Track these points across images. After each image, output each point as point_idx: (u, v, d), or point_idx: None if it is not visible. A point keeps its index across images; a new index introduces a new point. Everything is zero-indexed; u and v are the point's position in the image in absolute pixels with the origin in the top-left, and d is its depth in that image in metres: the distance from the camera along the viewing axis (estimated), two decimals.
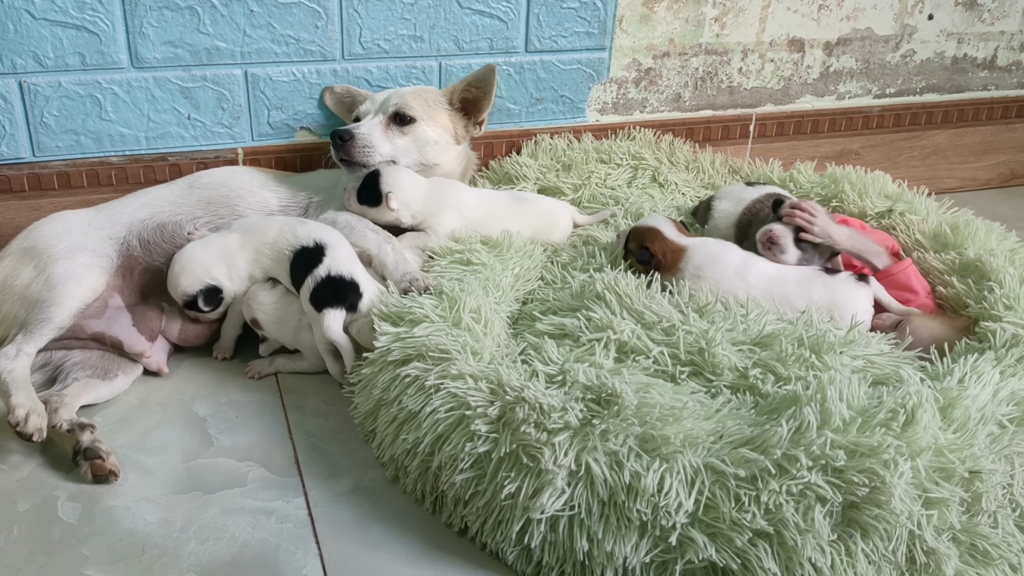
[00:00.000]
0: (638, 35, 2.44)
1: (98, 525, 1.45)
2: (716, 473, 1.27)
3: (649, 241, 1.82)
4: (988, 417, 1.36)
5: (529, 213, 2.06)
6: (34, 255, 1.78)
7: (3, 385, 1.59)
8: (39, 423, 1.55)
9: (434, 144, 2.06)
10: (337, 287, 1.74)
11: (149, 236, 1.89)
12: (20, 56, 1.94)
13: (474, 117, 2.13)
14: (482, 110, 2.12)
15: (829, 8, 2.60)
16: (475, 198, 2.03)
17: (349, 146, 1.96)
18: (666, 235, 1.82)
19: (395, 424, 1.52)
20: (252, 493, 1.52)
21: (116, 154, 2.10)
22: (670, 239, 1.82)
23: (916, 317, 1.74)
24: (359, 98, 2.15)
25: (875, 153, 2.84)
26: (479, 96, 2.10)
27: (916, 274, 1.87)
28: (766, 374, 1.49)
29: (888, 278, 1.83)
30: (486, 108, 2.12)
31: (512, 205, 2.06)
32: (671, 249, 1.81)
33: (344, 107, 2.20)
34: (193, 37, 2.04)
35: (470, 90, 2.11)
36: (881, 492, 1.22)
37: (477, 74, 2.10)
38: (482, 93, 2.10)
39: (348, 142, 1.96)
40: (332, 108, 2.21)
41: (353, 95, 2.18)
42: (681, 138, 2.54)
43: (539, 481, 1.31)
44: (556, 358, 1.52)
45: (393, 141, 2.01)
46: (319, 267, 1.75)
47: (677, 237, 1.83)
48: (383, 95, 2.07)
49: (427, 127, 2.04)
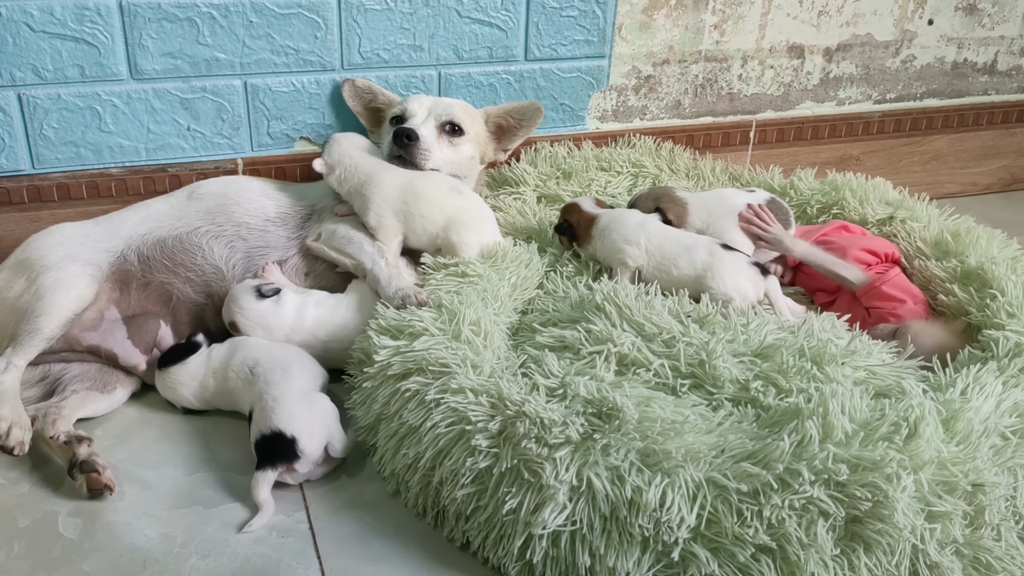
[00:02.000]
0: (637, 43, 2.44)
1: (99, 541, 1.45)
2: (718, 488, 1.26)
3: (567, 214, 2.03)
4: (991, 429, 1.36)
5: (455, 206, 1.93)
6: (27, 267, 1.78)
7: None
8: (20, 436, 1.55)
9: (469, 160, 2.08)
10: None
11: (148, 252, 1.87)
12: (19, 69, 1.94)
13: (503, 144, 2.18)
14: (515, 140, 2.18)
15: (829, 14, 2.60)
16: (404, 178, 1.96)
17: (413, 147, 1.96)
18: (582, 208, 2.02)
19: (396, 439, 1.52)
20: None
21: (116, 165, 2.10)
22: (585, 210, 2.01)
23: (916, 324, 1.74)
24: (380, 97, 2.14)
25: (875, 159, 2.83)
26: (516, 127, 2.17)
27: (901, 284, 1.87)
28: (767, 386, 1.49)
29: (871, 291, 1.83)
30: (519, 140, 2.18)
31: (445, 192, 1.95)
32: (585, 219, 2.00)
33: (361, 102, 2.17)
34: (192, 48, 2.04)
35: (507, 118, 2.16)
36: (884, 506, 1.22)
37: (520, 107, 2.16)
38: (520, 126, 2.17)
39: (414, 143, 1.96)
40: (348, 100, 2.16)
41: (374, 93, 2.16)
42: (681, 145, 2.54)
43: (541, 496, 1.31)
44: (557, 371, 1.52)
45: (443, 150, 2.02)
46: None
47: (591, 209, 2.01)
48: (427, 101, 2.06)
49: (469, 143, 2.07)
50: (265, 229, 1.96)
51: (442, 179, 1.97)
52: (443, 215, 1.90)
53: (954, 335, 1.73)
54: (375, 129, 2.17)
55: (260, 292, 1.80)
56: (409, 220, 1.90)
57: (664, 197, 2.02)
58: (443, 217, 1.90)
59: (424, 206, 1.90)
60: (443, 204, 1.91)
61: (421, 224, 1.90)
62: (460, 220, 1.90)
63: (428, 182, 1.94)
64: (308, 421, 1.56)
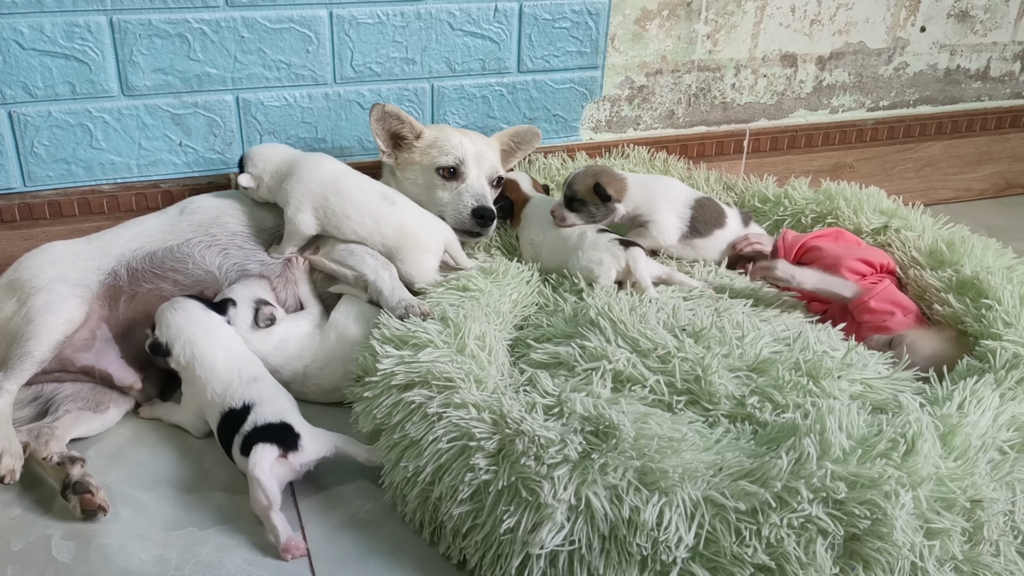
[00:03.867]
0: (630, 53, 2.44)
1: (93, 564, 1.43)
2: (716, 506, 1.26)
3: (508, 190, 2.13)
4: (988, 444, 1.35)
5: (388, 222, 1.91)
6: (17, 288, 1.77)
7: None
8: (12, 465, 1.53)
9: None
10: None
11: (137, 265, 1.86)
12: (9, 87, 1.93)
13: (504, 165, 2.22)
14: (512, 161, 2.26)
15: (821, 23, 2.60)
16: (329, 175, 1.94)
17: (490, 226, 2.01)
18: (521, 186, 2.13)
19: (396, 450, 1.51)
20: (248, 528, 1.51)
21: (107, 182, 2.09)
22: (523, 190, 2.12)
23: (912, 333, 1.74)
24: (407, 126, 2.04)
25: (869, 166, 2.84)
26: (515, 150, 2.25)
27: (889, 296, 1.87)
28: (763, 402, 1.48)
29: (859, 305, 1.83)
30: (515, 162, 2.26)
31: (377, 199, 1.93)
32: (521, 198, 2.10)
33: (386, 127, 2.05)
34: (183, 64, 2.03)
35: (509, 143, 2.24)
36: (883, 524, 1.21)
37: (520, 131, 2.23)
38: (519, 148, 2.25)
39: (492, 222, 2.00)
40: (374, 124, 2.03)
41: (401, 120, 2.04)
42: (675, 155, 2.54)
43: (539, 515, 1.30)
44: (552, 390, 1.51)
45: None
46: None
47: (528, 190, 2.12)
48: (472, 150, 2.04)
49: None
50: (260, 239, 1.95)
51: (372, 184, 1.96)
52: (375, 224, 1.88)
53: (951, 343, 1.73)
54: (392, 152, 2.08)
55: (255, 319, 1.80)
56: (332, 218, 1.88)
57: (604, 173, 2.00)
58: (376, 228, 1.88)
59: (351, 208, 1.89)
60: (374, 212, 1.89)
61: (348, 226, 1.89)
62: (402, 246, 1.88)
63: (355, 182, 1.93)
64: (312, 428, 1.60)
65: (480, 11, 2.23)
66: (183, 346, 1.69)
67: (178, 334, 1.70)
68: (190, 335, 1.70)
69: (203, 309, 1.75)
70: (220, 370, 1.67)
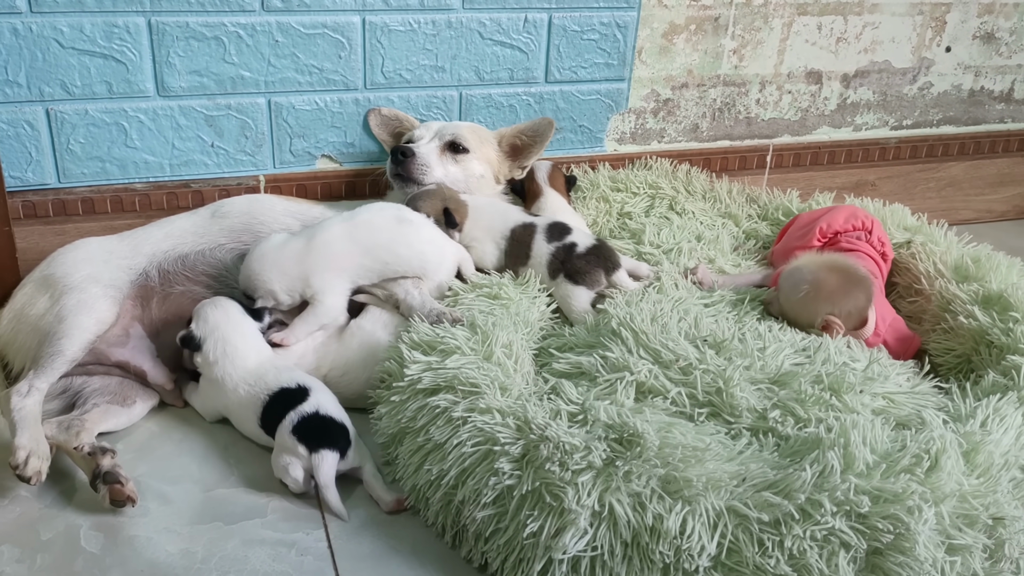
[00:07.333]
0: (657, 66, 2.46)
1: (120, 555, 1.46)
2: (739, 517, 1.27)
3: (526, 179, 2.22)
4: (1011, 462, 1.36)
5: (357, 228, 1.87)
6: (51, 284, 1.79)
7: (12, 424, 1.58)
8: (38, 466, 1.52)
9: (479, 178, 2.12)
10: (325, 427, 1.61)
11: (169, 267, 1.90)
12: (48, 84, 1.97)
13: (518, 162, 2.22)
14: (530, 157, 2.22)
15: (847, 41, 2.62)
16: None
17: (409, 163, 2.03)
18: (535, 175, 2.20)
19: (420, 454, 1.52)
20: (272, 524, 1.53)
21: (140, 181, 2.12)
22: (536, 180, 2.19)
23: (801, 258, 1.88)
24: (406, 124, 2.21)
25: (891, 184, 2.84)
26: (529, 144, 2.21)
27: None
28: (786, 416, 1.48)
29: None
30: (534, 156, 2.22)
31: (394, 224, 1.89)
32: (534, 189, 2.18)
33: (387, 130, 2.24)
34: (219, 67, 2.07)
35: (520, 137, 2.21)
36: (905, 539, 1.22)
37: (532, 125, 2.20)
38: (533, 142, 2.21)
39: (409, 159, 2.03)
40: (374, 129, 2.23)
41: (400, 120, 2.23)
42: (698, 168, 2.55)
43: (562, 521, 1.31)
44: (576, 398, 1.52)
45: (446, 166, 2.08)
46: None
47: (542, 181, 2.19)
48: (437, 125, 2.14)
49: (476, 161, 2.12)
50: None
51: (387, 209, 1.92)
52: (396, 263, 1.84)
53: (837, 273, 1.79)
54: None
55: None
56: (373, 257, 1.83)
57: (451, 199, 1.97)
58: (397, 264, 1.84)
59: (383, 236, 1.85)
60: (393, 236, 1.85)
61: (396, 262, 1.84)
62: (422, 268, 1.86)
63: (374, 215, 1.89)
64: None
65: (510, 21, 2.26)
66: (215, 343, 1.72)
67: (213, 330, 1.73)
68: (224, 333, 1.73)
69: (241, 313, 1.79)
70: (253, 368, 1.70)
